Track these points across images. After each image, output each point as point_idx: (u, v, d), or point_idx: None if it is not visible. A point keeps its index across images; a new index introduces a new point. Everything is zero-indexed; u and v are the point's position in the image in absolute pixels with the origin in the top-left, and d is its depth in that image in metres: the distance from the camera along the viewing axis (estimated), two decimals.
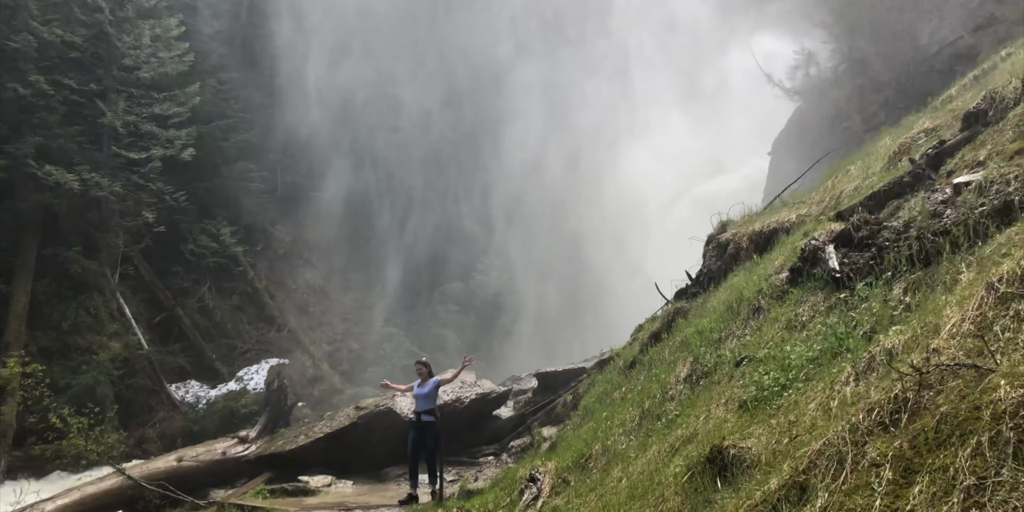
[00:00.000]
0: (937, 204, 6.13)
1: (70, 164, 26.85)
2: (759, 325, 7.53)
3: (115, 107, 29.05)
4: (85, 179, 26.76)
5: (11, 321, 25.12)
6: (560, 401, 16.06)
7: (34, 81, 26.34)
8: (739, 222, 13.11)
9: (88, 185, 26.83)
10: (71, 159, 27.20)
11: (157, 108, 31.45)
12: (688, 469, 4.77)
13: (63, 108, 27.53)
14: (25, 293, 25.85)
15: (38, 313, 26.06)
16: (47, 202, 26.67)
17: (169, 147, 30.80)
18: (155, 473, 16.48)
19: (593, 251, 43.72)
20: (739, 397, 5.72)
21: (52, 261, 27.12)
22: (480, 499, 8.36)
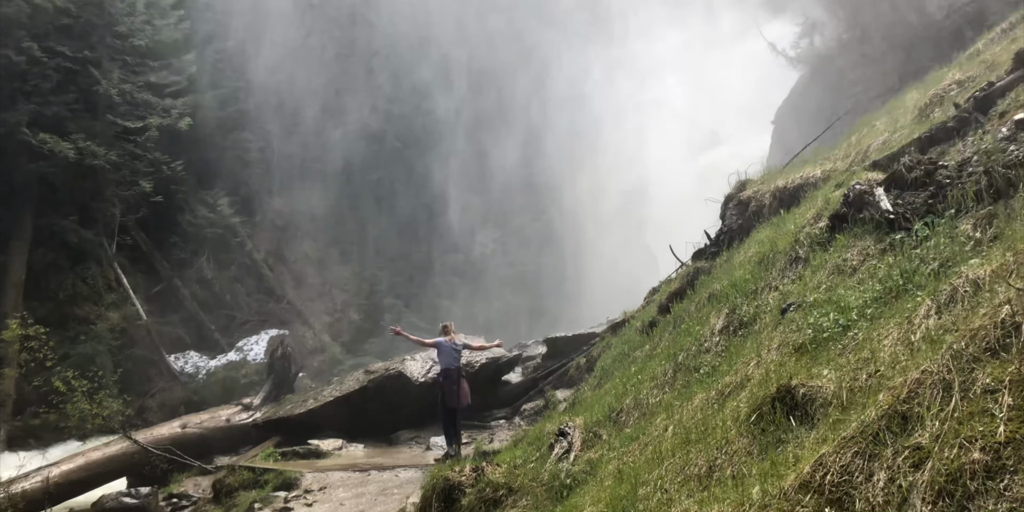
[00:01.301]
0: (998, 142, 5.83)
1: (65, 133, 26.41)
2: (800, 274, 7.24)
3: (110, 75, 28.52)
4: (80, 148, 26.32)
5: (8, 291, 24.82)
6: (573, 364, 15.84)
7: (27, 48, 25.81)
8: (759, 180, 12.81)
9: (84, 154, 26.40)
10: (66, 128, 26.74)
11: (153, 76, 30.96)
12: (753, 411, 4.49)
13: (57, 76, 27.01)
14: (21, 263, 25.52)
15: (35, 283, 25.75)
16: (42, 171, 26.24)
17: (165, 116, 30.35)
18: (159, 439, 16.26)
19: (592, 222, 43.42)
20: (793, 341, 5.44)
21: (48, 231, 26.75)
22: (508, 454, 8.11)
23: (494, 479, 7.00)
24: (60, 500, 14.20)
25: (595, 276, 40.91)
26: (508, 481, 6.95)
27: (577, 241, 42.69)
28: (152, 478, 14.72)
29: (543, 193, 42.82)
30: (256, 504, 10.80)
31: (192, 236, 32.15)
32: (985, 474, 2.73)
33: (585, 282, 40.52)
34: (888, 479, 2.98)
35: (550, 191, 43.37)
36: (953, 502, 2.74)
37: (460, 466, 7.43)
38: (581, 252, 42.43)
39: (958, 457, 2.83)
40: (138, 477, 15.16)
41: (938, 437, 2.99)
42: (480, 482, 7.04)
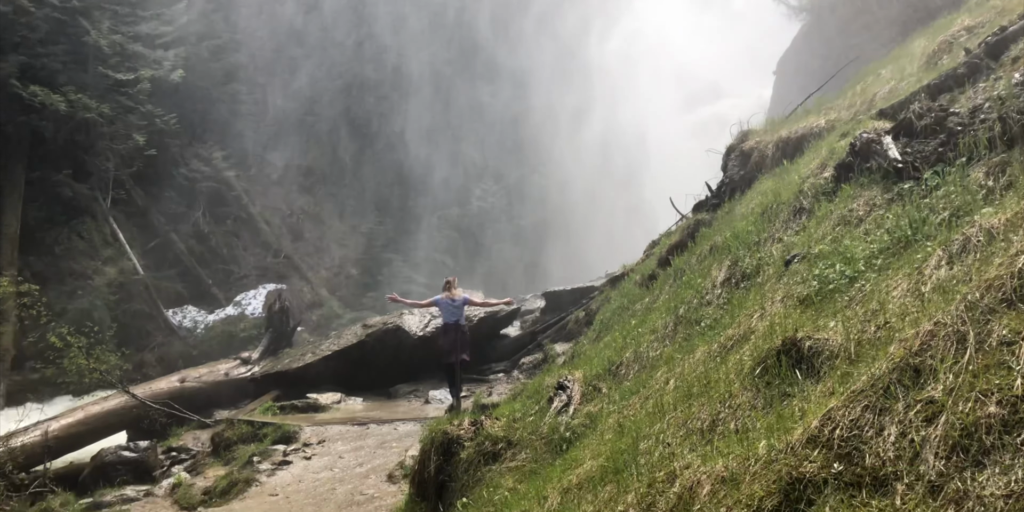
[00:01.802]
0: (1012, 87, 5.64)
1: (56, 85, 26.01)
2: (804, 225, 7.11)
3: (99, 25, 27.97)
4: (72, 100, 25.97)
5: (3, 245, 24.69)
6: (571, 318, 15.80)
7: None
8: (761, 131, 12.62)
9: (75, 107, 26.05)
10: (57, 80, 26.36)
11: (144, 27, 30.40)
12: (757, 364, 4.39)
13: (45, 26, 26.51)
14: (16, 217, 25.34)
15: (30, 238, 25.62)
16: (33, 124, 25.92)
17: (157, 68, 29.92)
18: (158, 393, 16.27)
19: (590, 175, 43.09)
20: (798, 293, 5.33)
21: (42, 185, 26.52)
22: (507, 407, 8.05)
23: (493, 432, 6.95)
24: (59, 454, 14.24)
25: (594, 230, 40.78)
26: (507, 434, 6.91)
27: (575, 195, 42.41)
28: (151, 432, 14.77)
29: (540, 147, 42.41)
30: (255, 457, 10.82)
31: (187, 190, 31.94)
32: (1002, 428, 2.63)
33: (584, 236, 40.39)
34: (899, 433, 2.88)
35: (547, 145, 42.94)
36: (968, 457, 2.64)
37: (459, 420, 7.39)
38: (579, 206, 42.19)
39: (973, 411, 2.73)
40: (137, 431, 15.20)
41: (952, 390, 2.88)
42: (479, 436, 7.00)
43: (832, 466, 2.93)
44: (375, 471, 9.69)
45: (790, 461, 3.07)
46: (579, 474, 4.86)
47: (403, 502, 7.86)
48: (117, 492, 10.71)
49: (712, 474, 3.49)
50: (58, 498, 11.19)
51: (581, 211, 41.96)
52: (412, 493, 7.49)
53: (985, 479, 2.51)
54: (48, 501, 11.21)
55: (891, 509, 2.65)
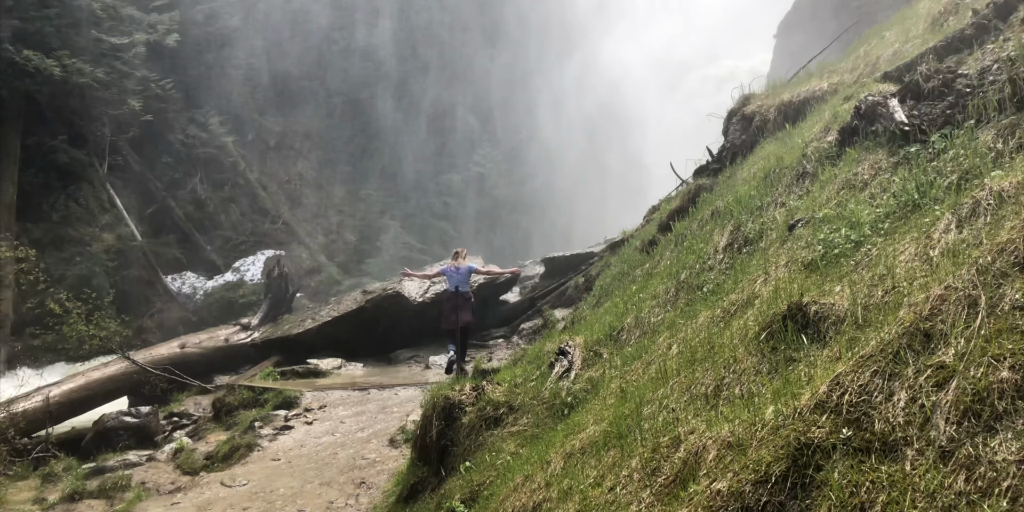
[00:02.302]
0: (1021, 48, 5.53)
1: (49, 50, 25.70)
2: (808, 189, 7.04)
3: None
4: (66, 65, 25.71)
5: (0, 212, 24.57)
6: (571, 284, 15.77)
7: None
8: (763, 94, 12.47)
9: (69, 71, 25.78)
10: (50, 44, 26.03)
11: None
12: (763, 329, 4.36)
13: None
14: (12, 183, 25.19)
15: (27, 204, 25.51)
16: (28, 89, 25.65)
17: (152, 32, 29.59)
18: (159, 359, 16.31)
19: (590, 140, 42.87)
20: (802, 258, 5.28)
21: (38, 151, 26.34)
22: (508, 373, 8.05)
23: (494, 398, 6.95)
24: (61, 419, 14.29)
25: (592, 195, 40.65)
26: (508, 399, 6.91)
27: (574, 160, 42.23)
28: (152, 397, 14.81)
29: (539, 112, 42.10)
30: (256, 422, 10.85)
31: (184, 156, 31.76)
32: (1015, 393, 2.59)
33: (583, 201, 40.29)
34: (909, 399, 2.85)
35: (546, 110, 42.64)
36: (979, 422, 2.61)
37: (460, 385, 7.38)
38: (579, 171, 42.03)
39: (985, 376, 2.69)
40: (139, 396, 15.26)
41: (963, 355, 2.85)
42: (480, 401, 7.00)
43: (840, 432, 2.91)
44: (376, 436, 9.73)
45: (798, 426, 3.04)
46: (582, 439, 4.86)
47: (405, 466, 7.89)
48: (119, 457, 10.75)
49: (718, 439, 3.47)
50: (61, 463, 11.24)
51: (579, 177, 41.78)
52: (414, 457, 7.52)
53: (997, 444, 2.48)
54: (51, 466, 11.27)
55: (901, 475, 2.63)
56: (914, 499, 2.51)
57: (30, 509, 9.39)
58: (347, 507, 7.44)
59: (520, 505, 4.58)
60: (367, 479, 8.14)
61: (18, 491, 10.39)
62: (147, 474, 9.80)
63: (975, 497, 2.38)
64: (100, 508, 8.88)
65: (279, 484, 8.31)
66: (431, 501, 6.57)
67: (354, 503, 7.52)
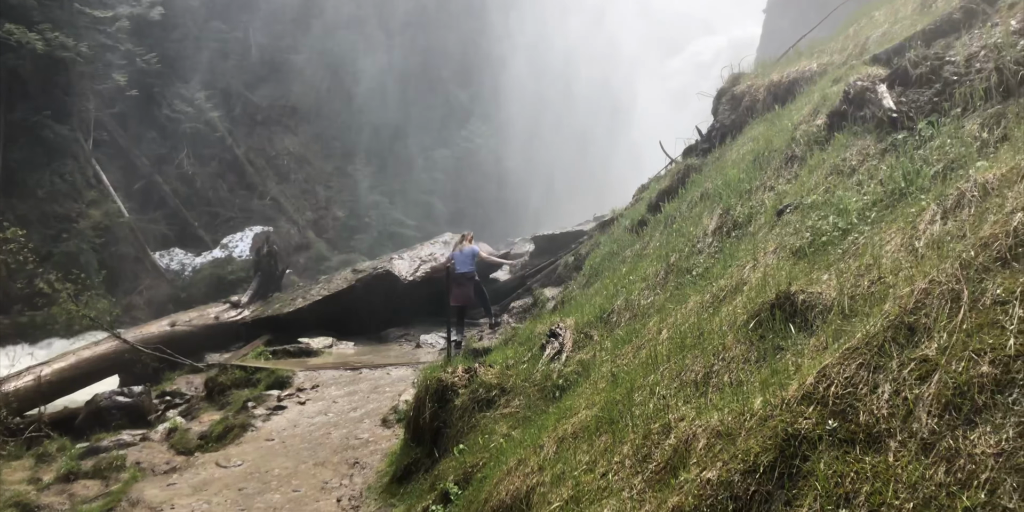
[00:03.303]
0: (1009, 35, 5.59)
1: (31, 23, 25.36)
2: (796, 173, 7.12)
3: None
4: (48, 39, 25.38)
5: None
6: (561, 263, 15.85)
7: None
8: (753, 74, 12.51)
9: (52, 45, 25.47)
10: (32, 17, 25.67)
11: None
12: (751, 317, 4.45)
13: None
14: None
15: (11, 180, 25.32)
16: (10, 63, 25.34)
17: (135, 5, 29.25)
18: (149, 338, 16.31)
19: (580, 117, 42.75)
20: (791, 244, 5.36)
21: (21, 126, 26.08)
22: (499, 354, 8.15)
23: (487, 380, 7.05)
24: (52, 398, 14.31)
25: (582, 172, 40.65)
26: (501, 382, 7.01)
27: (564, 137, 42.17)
28: (144, 376, 14.86)
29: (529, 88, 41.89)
30: (250, 402, 10.93)
31: (170, 131, 31.54)
32: (994, 387, 2.69)
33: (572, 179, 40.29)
34: (893, 391, 2.95)
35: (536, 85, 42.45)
36: (960, 416, 2.70)
37: (453, 367, 7.47)
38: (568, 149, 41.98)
39: (966, 370, 2.79)
40: (130, 375, 15.30)
41: (946, 349, 2.94)
42: (473, 383, 7.10)
43: (827, 423, 3.01)
44: (369, 415, 9.83)
45: (785, 417, 3.14)
46: (574, 423, 4.96)
47: (398, 446, 8.01)
48: (113, 437, 10.82)
49: (708, 428, 3.57)
50: (55, 443, 11.29)
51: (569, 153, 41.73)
52: (407, 438, 7.63)
53: (977, 437, 2.58)
54: (45, 446, 11.31)
55: (884, 466, 2.73)
56: (896, 490, 2.61)
57: (25, 489, 9.46)
58: (341, 487, 7.54)
59: (514, 489, 4.68)
60: (360, 459, 8.24)
61: (12, 471, 10.45)
62: (142, 454, 9.88)
63: (955, 488, 2.48)
64: (96, 488, 8.97)
65: (274, 464, 8.42)
66: (425, 482, 6.69)
67: (348, 483, 7.62)
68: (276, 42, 37.84)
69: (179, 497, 7.67)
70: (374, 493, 7.28)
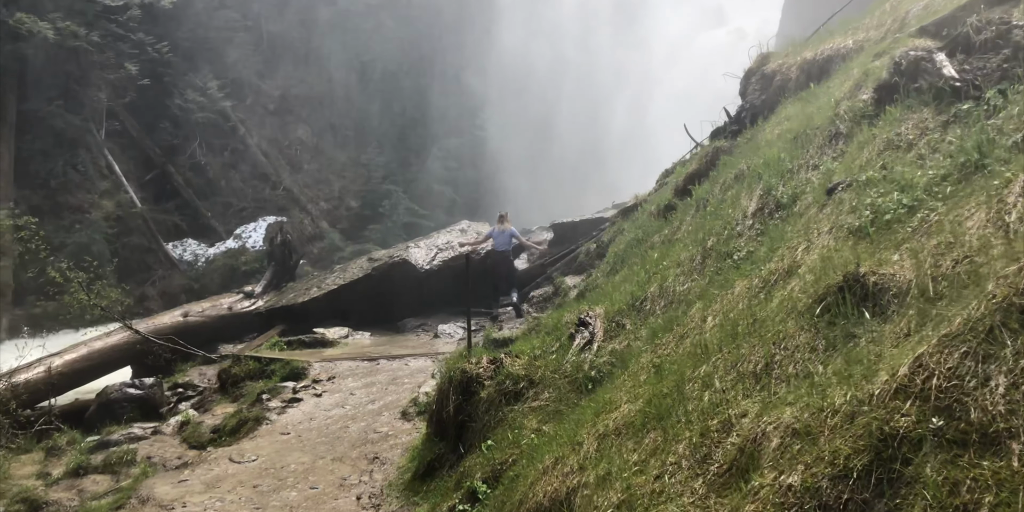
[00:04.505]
0: None
1: (43, 12, 25.12)
2: (842, 151, 6.68)
3: None
4: (60, 28, 25.12)
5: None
6: (582, 250, 15.42)
7: None
8: (783, 53, 12.04)
9: (63, 34, 25.22)
10: (43, 7, 25.43)
11: None
12: (816, 301, 4.03)
13: None
14: (8, 149, 24.78)
15: (24, 170, 25.13)
16: (22, 53, 25.09)
17: None
18: (162, 328, 16.02)
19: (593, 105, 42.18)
20: (848, 224, 4.93)
21: (34, 116, 25.87)
22: (525, 344, 7.75)
23: (513, 371, 6.66)
24: (63, 390, 14.02)
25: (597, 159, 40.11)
26: (528, 373, 6.62)
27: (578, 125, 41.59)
28: (156, 368, 14.55)
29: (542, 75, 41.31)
30: (264, 395, 10.58)
31: (183, 121, 31.22)
32: None
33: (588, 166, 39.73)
34: (1010, 384, 2.53)
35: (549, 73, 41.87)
36: None
37: (477, 357, 7.08)
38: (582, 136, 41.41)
39: None
40: (142, 366, 15.00)
41: None
42: (499, 374, 6.72)
43: (930, 421, 2.59)
44: (388, 408, 9.46)
45: (878, 414, 2.73)
46: (616, 419, 4.56)
47: (419, 441, 7.64)
48: (124, 430, 10.50)
49: (780, 426, 3.16)
50: (65, 436, 11.00)
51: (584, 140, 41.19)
52: (430, 433, 7.25)
53: None
54: (55, 439, 11.03)
55: (1007, 471, 2.31)
56: None
57: (34, 484, 9.15)
58: (361, 484, 7.18)
59: (552, 490, 4.29)
60: (380, 454, 7.88)
61: (21, 465, 10.16)
62: (153, 448, 9.55)
63: None
64: (106, 483, 8.64)
65: (289, 459, 8.05)
66: (449, 479, 6.32)
67: (368, 479, 7.26)
68: (288, 31, 37.46)
69: (191, 494, 7.32)
70: (395, 490, 6.92)
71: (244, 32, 34.94)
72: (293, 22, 37.28)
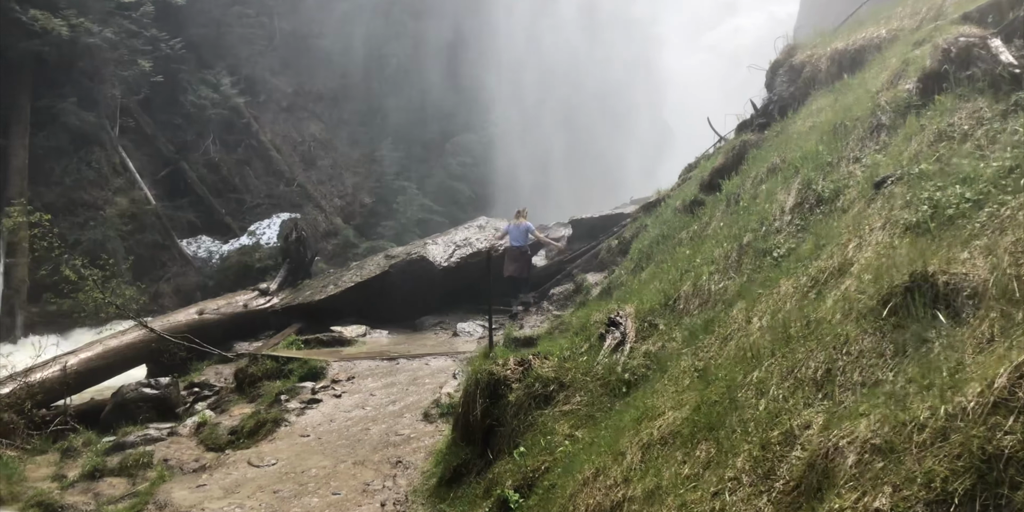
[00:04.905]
0: None
1: (56, 9, 24.97)
2: (887, 142, 6.39)
3: None
4: (73, 24, 24.97)
5: (11, 176, 24.10)
6: (603, 247, 15.13)
7: None
8: (810, 44, 11.71)
9: (77, 31, 25.06)
10: (57, 3, 25.27)
11: None
12: (881, 303, 3.75)
13: None
14: (23, 147, 24.65)
15: (39, 168, 24.99)
16: (35, 50, 24.93)
17: None
18: (177, 326, 15.82)
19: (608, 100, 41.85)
20: (903, 219, 4.65)
21: (48, 113, 25.70)
22: (550, 344, 7.49)
23: (543, 373, 6.41)
24: (78, 389, 13.83)
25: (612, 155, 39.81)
26: (558, 375, 6.36)
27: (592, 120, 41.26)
28: (172, 366, 14.35)
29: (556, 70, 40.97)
30: (282, 395, 10.36)
31: (196, 117, 31.05)
32: None
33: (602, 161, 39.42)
34: None
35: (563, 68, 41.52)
36: None
37: (503, 359, 6.83)
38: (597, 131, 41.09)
39: None
40: (158, 365, 14.81)
41: None
42: (528, 377, 6.46)
43: None
44: (409, 409, 9.22)
45: (977, 431, 2.46)
46: (660, 427, 4.30)
47: (443, 445, 7.39)
48: (140, 431, 10.29)
49: (855, 440, 2.89)
50: (80, 437, 10.81)
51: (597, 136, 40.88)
52: (455, 437, 7.00)
53: None
54: (70, 440, 10.84)
55: None
56: None
57: (49, 487, 8.97)
58: (384, 489, 6.94)
59: (594, 504, 4.04)
60: (403, 458, 7.64)
61: (37, 467, 9.98)
62: (169, 450, 9.35)
63: None
64: (122, 487, 8.44)
65: (310, 463, 7.83)
66: (478, 486, 6.07)
67: (391, 485, 7.02)
68: (301, 27, 37.26)
69: (209, 500, 7.11)
70: (420, 497, 6.68)
71: (257, 28, 34.77)
72: (306, 18, 37.08)
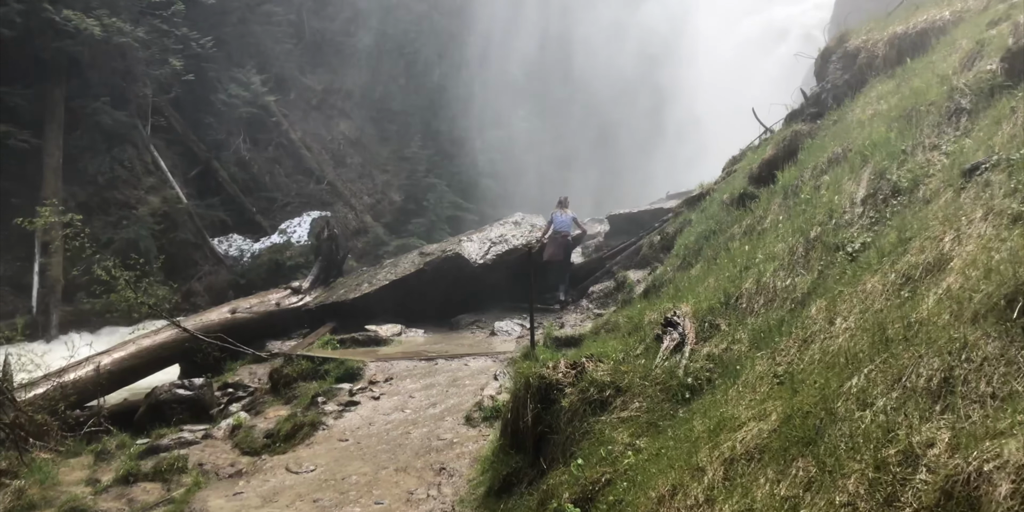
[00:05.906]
0: None
1: (88, 9, 25.04)
2: (967, 128, 5.93)
3: None
4: (106, 24, 25.03)
5: (46, 175, 24.15)
6: (644, 243, 14.69)
7: None
8: (864, 29, 11.21)
9: (110, 31, 25.12)
10: (89, 3, 25.32)
11: None
12: (1005, 303, 3.33)
13: None
14: (57, 146, 24.71)
15: (72, 167, 25.04)
16: (69, 49, 24.97)
17: None
18: (209, 325, 15.62)
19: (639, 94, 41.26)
20: (1010, 209, 4.21)
21: (81, 113, 25.74)
22: (600, 345, 7.09)
23: (597, 377, 6.01)
24: (111, 389, 13.67)
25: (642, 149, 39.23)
26: (614, 379, 5.96)
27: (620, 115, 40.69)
28: (205, 366, 14.14)
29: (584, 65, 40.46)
30: (319, 397, 10.05)
31: (226, 116, 31.02)
32: None
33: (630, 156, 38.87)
34: None
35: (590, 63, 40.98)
36: None
37: (554, 362, 6.44)
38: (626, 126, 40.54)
39: None
40: (191, 364, 14.63)
41: None
42: (581, 380, 6.07)
43: None
44: (450, 412, 8.87)
45: None
46: (743, 440, 3.89)
47: (490, 451, 7.03)
48: (174, 434, 10.04)
49: (1003, 463, 2.47)
50: (114, 439, 10.58)
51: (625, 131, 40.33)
52: (504, 444, 6.63)
53: None
54: (104, 442, 10.61)
55: None
56: None
57: (82, 492, 8.73)
58: (429, 498, 6.59)
59: None
60: (447, 464, 7.28)
61: (71, 470, 9.75)
62: (204, 454, 9.07)
63: None
64: (156, 493, 8.17)
65: (350, 469, 7.49)
66: (531, 497, 5.68)
67: (436, 494, 6.66)
68: (330, 25, 37.15)
69: (247, 509, 6.79)
70: (468, 507, 6.31)
71: (287, 26, 34.69)
72: (335, 16, 36.93)
